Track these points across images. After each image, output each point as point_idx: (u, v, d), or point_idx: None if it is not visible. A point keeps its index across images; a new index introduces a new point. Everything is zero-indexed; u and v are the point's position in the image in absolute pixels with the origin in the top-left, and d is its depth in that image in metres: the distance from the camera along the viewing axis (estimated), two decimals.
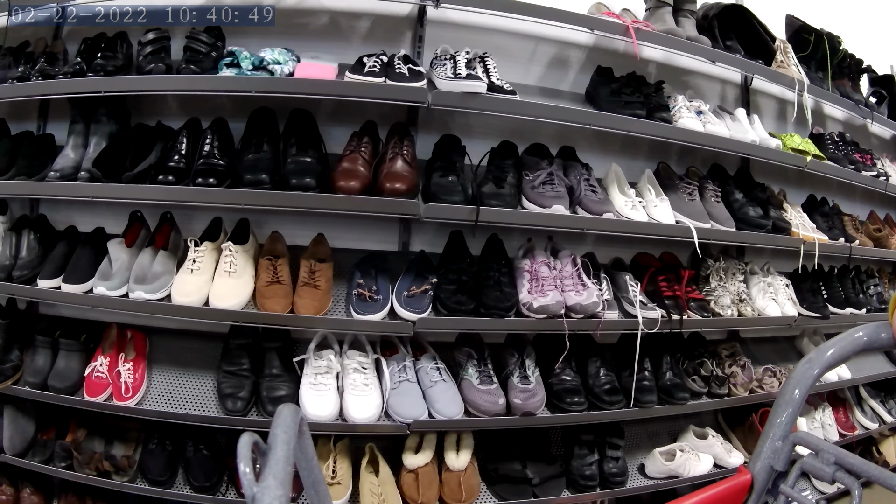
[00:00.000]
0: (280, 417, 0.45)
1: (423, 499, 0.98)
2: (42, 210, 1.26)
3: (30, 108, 1.27)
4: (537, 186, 0.98)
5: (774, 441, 0.60)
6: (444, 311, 0.94)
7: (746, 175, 1.22)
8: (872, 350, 0.62)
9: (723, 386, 1.12)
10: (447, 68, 0.95)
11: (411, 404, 0.95)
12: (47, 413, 1.23)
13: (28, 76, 1.06)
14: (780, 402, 0.61)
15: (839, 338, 0.61)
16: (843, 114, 1.38)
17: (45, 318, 1.23)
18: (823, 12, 1.34)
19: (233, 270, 0.95)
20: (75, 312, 1.21)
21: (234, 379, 0.99)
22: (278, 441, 0.41)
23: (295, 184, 0.88)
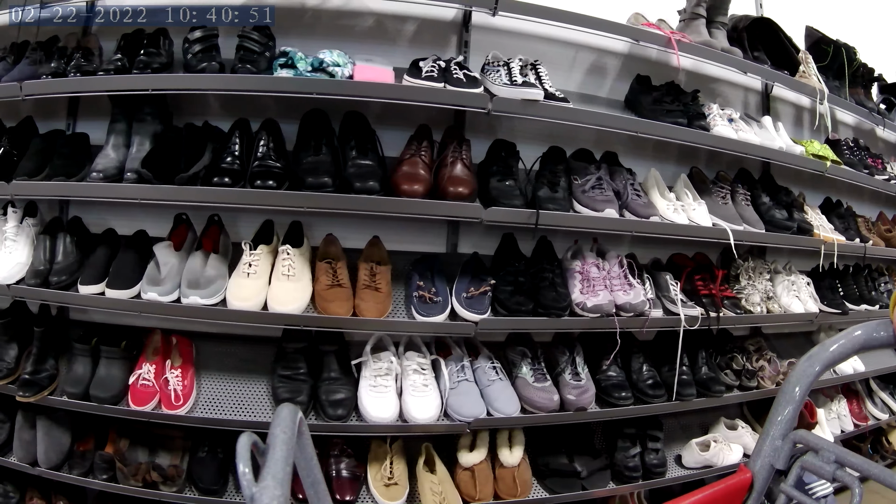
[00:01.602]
0: (279, 417, 0.45)
1: (480, 495, 1.04)
2: (72, 212, 1.24)
3: (58, 105, 1.25)
4: (588, 191, 1.04)
5: (774, 440, 0.60)
6: (504, 312, 1.00)
7: (770, 179, 1.33)
8: (873, 348, 0.62)
9: (752, 379, 1.21)
10: (501, 75, 1.00)
11: (471, 403, 1.00)
12: (83, 423, 1.22)
13: (64, 72, 1.05)
14: (780, 399, 0.61)
15: (839, 336, 0.62)
16: (853, 119, 1.51)
17: (78, 325, 1.21)
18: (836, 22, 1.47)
19: (291, 274, 0.97)
20: (106, 318, 1.21)
21: (292, 383, 1.01)
22: (277, 441, 0.42)
23: (359, 187, 0.91)
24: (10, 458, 1.19)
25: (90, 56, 1.10)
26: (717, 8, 1.19)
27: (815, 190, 1.44)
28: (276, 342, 1.12)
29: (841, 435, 1.42)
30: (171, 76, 0.97)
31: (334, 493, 1.01)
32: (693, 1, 1.18)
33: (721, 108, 1.17)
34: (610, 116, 1.04)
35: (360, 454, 1.08)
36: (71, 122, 1.27)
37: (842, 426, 1.41)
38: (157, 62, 1.00)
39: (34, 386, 1.09)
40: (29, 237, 1.16)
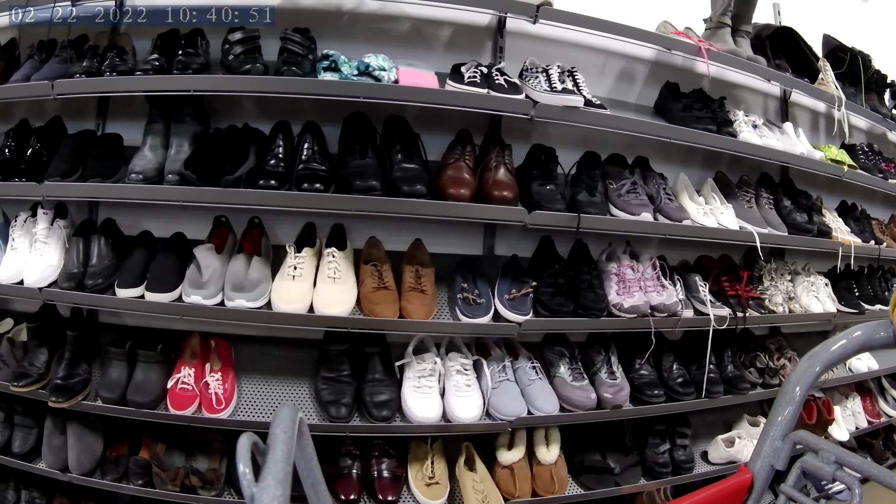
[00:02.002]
0: (279, 417, 0.46)
1: (519, 493, 1.09)
2: (101, 213, 1.25)
3: (87, 105, 1.26)
4: (623, 195, 1.11)
5: (774, 440, 0.61)
6: (546, 313, 1.05)
7: (790, 183, 1.41)
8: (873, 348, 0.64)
9: (775, 377, 1.30)
10: (541, 81, 1.05)
11: (512, 403, 1.05)
12: (115, 428, 1.23)
13: (98, 71, 1.06)
14: (780, 400, 0.62)
15: (840, 336, 0.63)
16: (865, 123, 1.61)
17: (108, 329, 1.23)
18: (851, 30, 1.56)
19: (337, 276, 1.01)
20: (138, 321, 1.23)
21: (336, 385, 1.05)
22: (277, 441, 0.43)
23: (406, 191, 0.95)
24: (38, 464, 1.20)
25: (124, 55, 1.12)
26: (741, 17, 1.27)
27: (830, 193, 1.53)
28: (316, 345, 1.15)
29: (856, 431, 1.52)
30: (216, 77, 0.99)
31: (376, 493, 1.06)
32: (719, 10, 1.26)
33: (746, 114, 1.26)
34: (647, 124, 1.10)
35: (399, 455, 1.13)
36: (101, 123, 1.28)
37: (856, 423, 1.51)
38: (196, 63, 1.02)
39: (67, 391, 1.11)
40: (60, 239, 1.18)
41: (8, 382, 1.15)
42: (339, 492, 1.05)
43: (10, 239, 1.20)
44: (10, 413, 1.27)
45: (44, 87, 1.04)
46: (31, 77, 1.12)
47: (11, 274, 1.14)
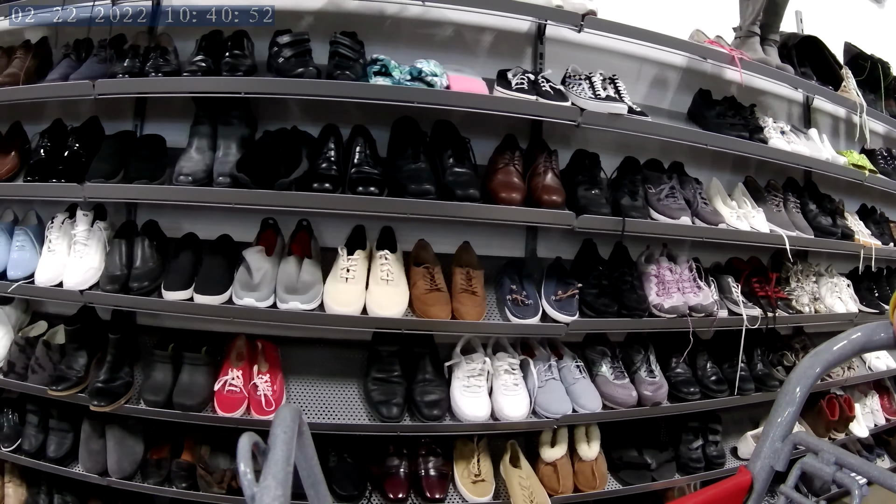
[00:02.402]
0: (279, 417, 0.48)
1: (562, 488, 1.17)
2: (140, 215, 1.29)
3: (124, 105, 1.29)
4: (663, 199, 1.19)
5: (774, 441, 0.62)
6: (591, 313, 1.13)
7: (814, 187, 1.51)
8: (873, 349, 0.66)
9: None
10: (584, 88, 1.13)
11: (558, 401, 1.13)
12: (156, 431, 1.27)
13: (140, 71, 1.10)
14: (780, 401, 0.64)
15: (840, 337, 0.65)
16: (883, 128, 1.72)
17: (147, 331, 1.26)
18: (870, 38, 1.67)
19: (390, 279, 1.06)
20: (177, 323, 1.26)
21: (386, 385, 1.10)
22: (278, 441, 0.44)
23: (460, 195, 1.01)
24: (73, 468, 1.23)
25: (166, 56, 1.15)
26: (769, 26, 1.36)
27: (850, 196, 1.63)
28: (361, 346, 1.21)
29: (874, 428, 1.62)
30: (269, 80, 1.03)
31: (424, 491, 1.12)
32: (748, 20, 1.35)
33: (774, 121, 1.35)
34: (687, 131, 1.18)
35: (445, 453, 1.18)
36: (139, 124, 1.32)
37: (875, 420, 1.62)
38: (245, 65, 1.06)
39: (109, 395, 1.14)
40: (101, 241, 1.21)
41: (45, 386, 1.18)
42: (387, 491, 1.11)
43: (46, 241, 1.23)
44: (44, 417, 1.29)
45: (84, 86, 1.07)
46: (69, 76, 1.15)
47: (50, 276, 1.17)
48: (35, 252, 1.24)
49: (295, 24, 1.22)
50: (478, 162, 1.16)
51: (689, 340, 1.22)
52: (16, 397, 1.35)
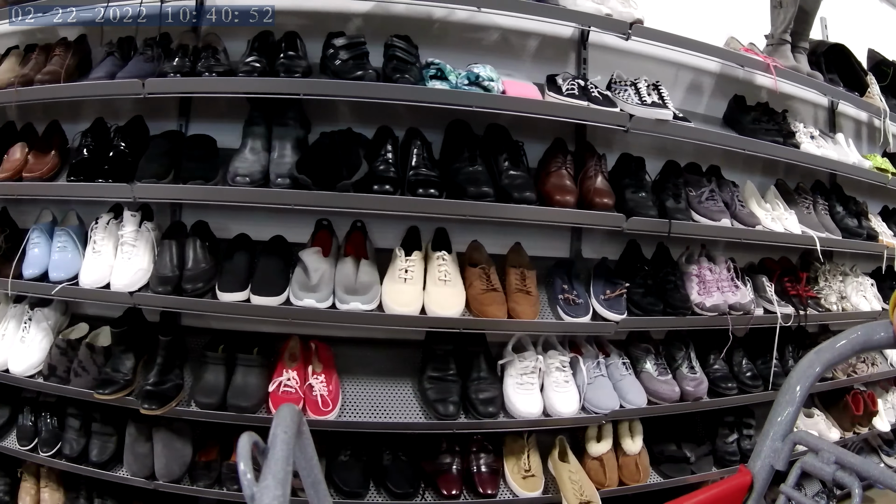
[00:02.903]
0: (279, 417, 0.49)
1: (609, 482, 1.27)
2: (185, 215, 1.34)
3: (168, 105, 1.35)
4: (703, 202, 1.30)
5: (774, 440, 0.64)
6: (638, 312, 1.23)
7: (839, 189, 1.65)
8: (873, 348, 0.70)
9: (829, 370, 1.52)
10: (630, 94, 1.23)
11: (606, 397, 1.23)
12: (203, 434, 1.33)
13: (192, 70, 1.14)
14: (781, 400, 0.66)
15: (840, 336, 0.68)
16: None
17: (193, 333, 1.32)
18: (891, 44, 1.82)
19: (448, 279, 1.15)
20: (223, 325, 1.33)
21: (442, 384, 1.18)
22: (278, 441, 0.46)
23: (517, 197, 1.10)
24: (117, 471, 1.29)
25: (217, 55, 1.21)
26: (799, 34, 1.49)
27: (873, 199, 1.78)
28: (412, 345, 1.29)
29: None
30: (331, 82, 1.08)
31: (477, 487, 1.21)
32: (780, 28, 1.47)
33: (804, 126, 1.48)
34: (729, 137, 1.30)
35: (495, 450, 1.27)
36: (183, 123, 1.38)
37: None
38: (300, 66, 1.11)
39: (160, 397, 1.19)
40: (149, 242, 1.27)
41: (90, 390, 1.23)
42: (441, 487, 1.20)
43: (90, 241, 1.28)
44: (86, 421, 1.35)
45: (133, 85, 1.12)
46: (115, 75, 1.21)
47: (96, 278, 1.22)
48: (77, 253, 1.29)
49: (343, 27, 1.30)
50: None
51: (728, 338, 1.34)
52: (54, 401, 1.40)
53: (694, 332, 1.39)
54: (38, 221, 1.40)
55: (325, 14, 1.33)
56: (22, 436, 1.36)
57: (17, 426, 1.40)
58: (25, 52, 1.42)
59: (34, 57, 1.35)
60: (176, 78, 1.13)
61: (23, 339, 1.34)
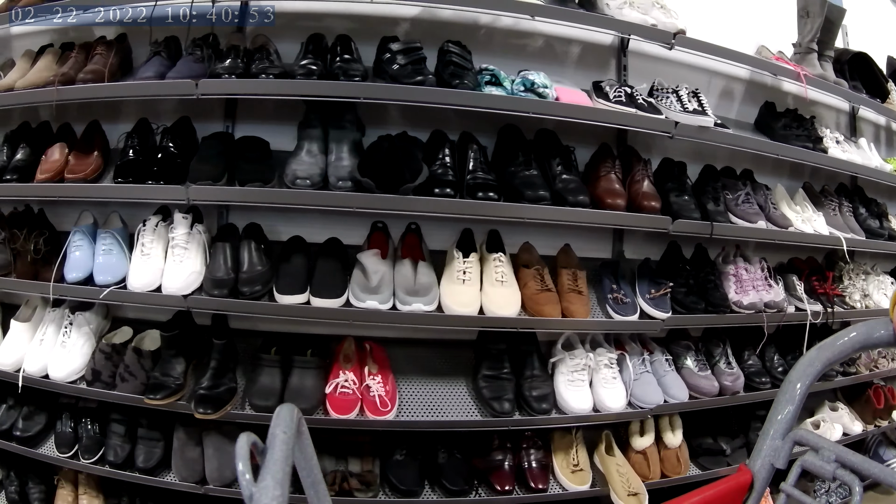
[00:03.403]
0: (279, 417, 0.52)
1: (652, 474, 1.40)
2: (232, 217, 1.42)
3: (213, 106, 1.42)
4: (740, 205, 1.44)
5: (775, 439, 0.67)
6: (681, 310, 1.36)
7: (861, 191, 1.82)
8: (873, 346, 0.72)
9: (852, 366, 1.69)
10: (672, 101, 1.36)
11: (651, 392, 1.35)
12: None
13: (248, 72, 1.20)
14: (781, 398, 0.69)
15: (840, 334, 0.71)
16: None
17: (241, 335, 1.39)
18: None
19: (504, 280, 1.25)
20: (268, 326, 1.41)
21: (497, 382, 1.29)
22: (277, 441, 0.48)
23: (572, 201, 1.22)
24: (165, 477, 1.36)
25: (270, 57, 1.29)
26: (825, 43, 1.65)
27: (890, 200, 1.96)
28: (460, 345, 1.40)
29: None
30: (393, 87, 1.15)
31: (528, 482, 1.31)
32: (807, 37, 1.62)
33: (830, 131, 1.64)
34: (767, 143, 1.43)
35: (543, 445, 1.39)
36: (230, 125, 1.45)
37: None
38: (357, 69, 1.19)
39: (214, 401, 1.25)
40: (200, 245, 1.34)
41: (139, 395, 1.29)
42: (494, 483, 1.30)
43: (138, 244, 1.34)
44: (131, 426, 1.41)
45: (186, 85, 1.18)
46: (165, 75, 1.27)
47: (147, 281, 1.28)
48: (123, 256, 1.35)
49: (391, 30, 1.39)
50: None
51: (760, 334, 1.49)
52: (95, 406, 1.46)
53: (728, 329, 1.54)
54: (77, 223, 1.46)
55: (374, 17, 1.42)
56: (61, 442, 1.41)
57: (55, 433, 1.45)
58: (62, 50, 1.47)
59: (74, 55, 1.40)
60: (231, 79, 1.19)
61: (63, 343, 1.39)
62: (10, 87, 1.38)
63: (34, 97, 1.33)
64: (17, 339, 1.42)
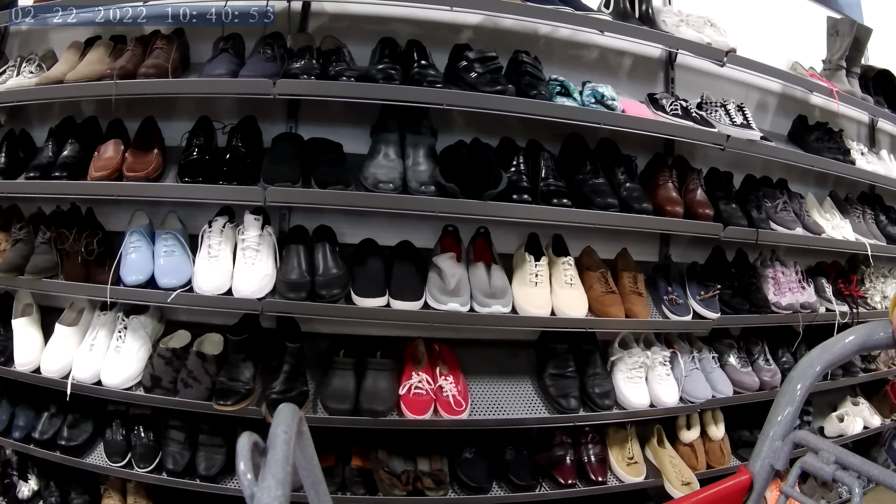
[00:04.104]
0: (280, 417, 0.55)
1: (699, 466, 1.62)
2: (294, 219, 1.53)
3: (276, 107, 1.52)
4: (778, 212, 1.68)
5: (774, 440, 0.71)
6: (729, 311, 1.58)
7: (880, 199, 2.12)
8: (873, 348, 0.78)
9: (873, 363, 1.99)
10: (721, 115, 1.58)
11: (701, 388, 1.56)
12: (322, 439, 1.52)
13: (326, 73, 1.31)
14: (780, 400, 0.74)
15: (840, 336, 0.76)
16: None
17: (309, 338, 1.50)
18: None
19: (573, 283, 1.44)
20: (329, 328, 1.54)
21: (563, 380, 1.47)
22: (278, 441, 0.51)
23: (637, 208, 1.41)
24: (227, 484, 1.46)
25: (345, 59, 1.42)
26: (852, 60, 1.92)
27: None
28: (521, 345, 1.58)
29: None
30: (475, 95, 1.27)
31: (589, 475, 1.50)
32: (837, 55, 1.89)
33: (856, 143, 1.92)
34: (808, 157, 1.66)
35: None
36: (293, 125, 1.56)
37: None
38: (436, 77, 1.32)
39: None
40: (270, 246, 1.45)
41: (205, 401, 1.38)
42: (557, 477, 1.48)
43: (204, 246, 1.43)
44: (191, 433, 1.50)
45: (263, 84, 1.26)
46: (237, 73, 1.35)
47: (218, 284, 1.36)
48: (186, 257, 1.44)
49: (455, 38, 1.54)
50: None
51: (794, 333, 1.74)
52: (149, 413, 1.55)
53: (764, 328, 1.79)
54: (131, 224, 1.54)
55: (438, 24, 1.57)
56: (113, 451, 1.46)
57: (105, 441, 1.51)
58: (114, 43, 1.54)
59: (130, 49, 1.46)
60: (310, 80, 1.27)
61: (118, 348, 1.46)
62: (59, 80, 1.42)
63: (89, 90, 1.36)
64: (63, 344, 1.45)
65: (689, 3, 1.70)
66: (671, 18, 1.55)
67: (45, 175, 1.43)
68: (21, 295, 1.59)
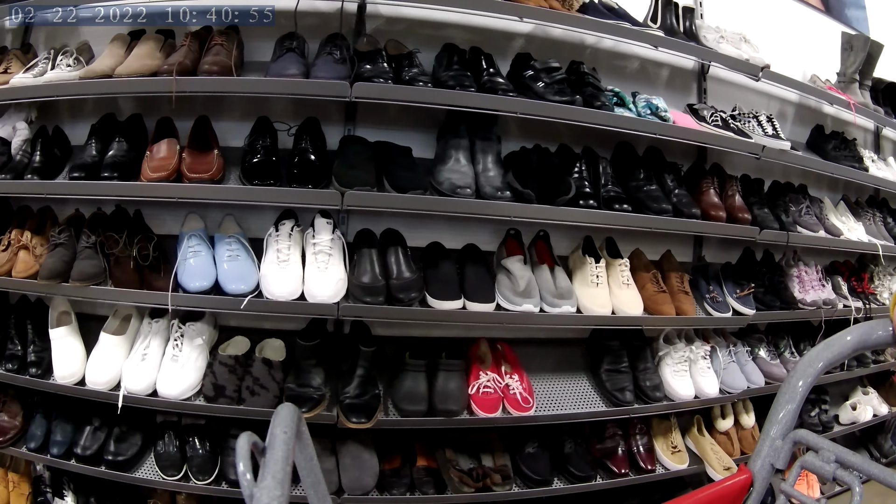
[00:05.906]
0: (279, 417, 0.62)
1: (735, 452, 2.13)
2: (352, 223, 1.86)
3: (332, 109, 1.82)
4: (802, 216, 2.23)
5: (775, 439, 0.81)
6: (762, 307, 2.08)
7: (885, 202, 2.77)
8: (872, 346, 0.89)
9: (882, 354, 2.63)
10: (753, 125, 2.10)
11: (737, 379, 2.00)
12: (385, 441, 1.86)
13: (401, 78, 1.61)
14: (781, 398, 0.84)
15: (840, 334, 0.87)
16: None
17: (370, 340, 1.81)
18: None
19: (629, 283, 1.86)
20: (390, 331, 1.88)
21: (619, 375, 1.87)
22: (277, 441, 0.58)
23: (687, 213, 1.83)
24: (294, 491, 1.76)
25: (417, 64, 1.74)
26: (865, 73, 2.51)
27: None
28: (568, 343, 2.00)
29: None
30: (550, 105, 1.59)
31: (640, 464, 1.93)
32: (851, 68, 2.48)
33: (868, 151, 2.53)
34: (832, 165, 2.12)
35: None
36: (350, 128, 1.88)
37: None
38: (506, 85, 1.63)
39: (366, 410, 1.61)
40: (341, 250, 1.77)
41: (271, 409, 1.62)
42: (612, 467, 1.88)
43: (272, 250, 1.71)
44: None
45: (339, 87, 1.49)
46: (308, 74, 1.61)
47: (291, 289, 1.60)
48: (250, 261, 1.72)
49: (507, 45, 1.90)
50: None
51: (821, 328, 2.29)
52: (203, 423, 1.81)
53: (787, 324, 2.35)
54: (185, 227, 1.80)
55: (492, 31, 1.94)
56: (167, 464, 1.67)
57: (157, 454, 1.75)
58: (164, 37, 1.78)
59: (187, 44, 1.72)
60: (387, 84, 1.52)
61: (175, 357, 1.71)
62: (107, 74, 1.66)
63: (142, 87, 1.58)
64: (110, 354, 1.64)
65: (716, 18, 2.19)
66: (711, 34, 2.03)
67: (91, 175, 1.61)
68: (57, 302, 1.77)
